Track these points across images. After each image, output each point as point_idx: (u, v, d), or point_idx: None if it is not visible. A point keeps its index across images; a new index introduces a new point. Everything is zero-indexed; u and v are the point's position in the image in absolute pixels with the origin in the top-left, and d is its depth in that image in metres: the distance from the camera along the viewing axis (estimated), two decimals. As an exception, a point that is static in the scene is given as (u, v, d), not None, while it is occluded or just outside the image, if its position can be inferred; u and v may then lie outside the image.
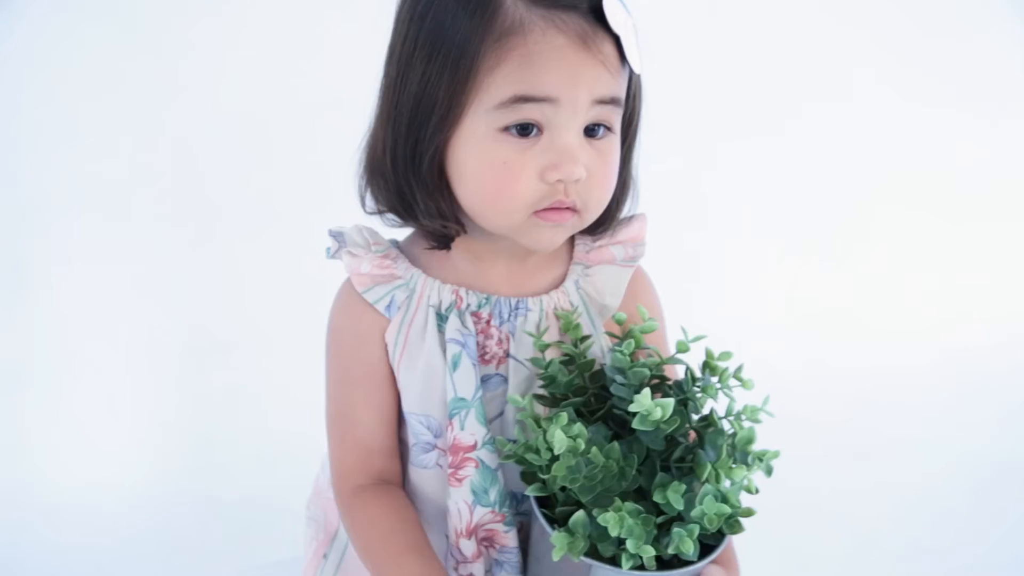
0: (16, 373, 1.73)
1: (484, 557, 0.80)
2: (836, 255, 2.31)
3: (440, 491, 0.82)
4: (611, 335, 0.80)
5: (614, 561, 0.68)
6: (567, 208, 0.72)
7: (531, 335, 0.78)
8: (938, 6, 2.29)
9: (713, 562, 0.70)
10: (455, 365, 0.76)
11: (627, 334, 0.78)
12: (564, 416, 0.69)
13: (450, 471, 0.78)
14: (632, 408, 0.68)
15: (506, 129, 0.69)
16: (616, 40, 0.70)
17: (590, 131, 0.72)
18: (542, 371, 0.76)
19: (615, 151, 0.75)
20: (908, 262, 2.35)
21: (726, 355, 0.77)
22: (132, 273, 1.81)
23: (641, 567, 0.67)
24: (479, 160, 0.70)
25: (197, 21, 1.82)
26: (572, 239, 0.84)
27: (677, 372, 0.85)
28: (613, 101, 0.72)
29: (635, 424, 0.68)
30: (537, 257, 0.81)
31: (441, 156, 0.73)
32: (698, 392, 0.74)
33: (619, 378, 0.73)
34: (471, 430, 0.76)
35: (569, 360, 0.77)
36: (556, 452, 0.67)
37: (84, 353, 1.77)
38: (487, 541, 0.80)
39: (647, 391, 0.68)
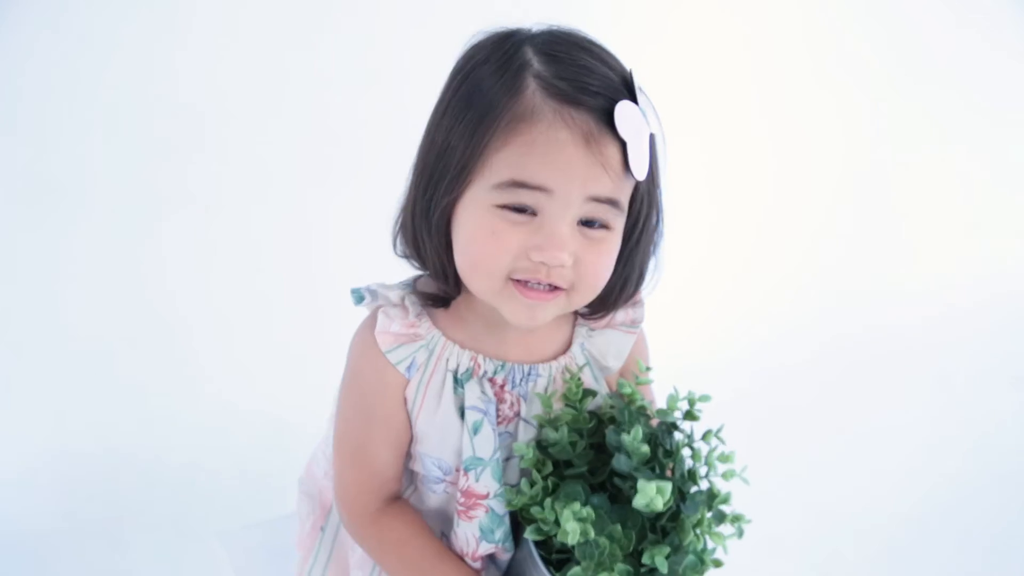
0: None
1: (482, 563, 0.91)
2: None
3: (444, 506, 0.91)
4: (617, 400, 0.86)
5: None
6: (549, 287, 0.76)
7: (541, 397, 0.84)
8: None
9: None
10: (476, 430, 0.82)
11: (630, 403, 0.83)
12: (576, 504, 0.77)
13: (461, 508, 0.86)
14: (638, 498, 0.76)
15: (503, 206, 0.73)
16: (623, 144, 0.72)
17: (587, 223, 0.75)
18: (551, 439, 0.82)
19: (610, 243, 0.77)
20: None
21: (705, 398, 0.86)
22: (72, 258, 1.76)
23: None
24: (474, 226, 0.74)
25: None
26: None
27: (649, 392, 0.94)
28: (609, 202, 0.74)
29: (636, 505, 0.77)
30: (544, 324, 0.82)
31: (449, 216, 0.77)
32: (687, 456, 0.83)
33: (624, 459, 0.80)
34: (485, 483, 0.83)
35: (572, 421, 0.83)
36: (570, 543, 0.76)
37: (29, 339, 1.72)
38: (489, 557, 0.90)
39: (653, 485, 0.76)
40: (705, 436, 0.85)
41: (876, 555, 1.54)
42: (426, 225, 0.77)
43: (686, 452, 0.85)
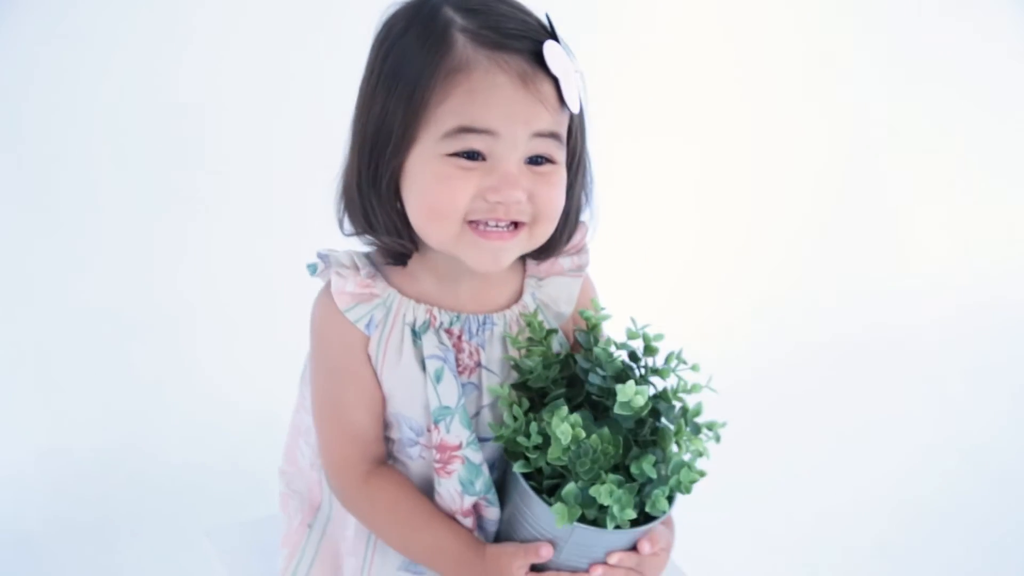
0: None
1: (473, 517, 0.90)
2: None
3: (425, 472, 0.91)
4: (580, 331, 0.91)
5: (595, 523, 0.81)
6: (511, 226, 0.81)
7: (509, 336, 0.88)
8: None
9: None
10: (438, 378, 0.85)
11: (594, 328, 0.89)
12: (564, 409, 0.79)
13: (438, 465, 0.87)
14: (619, 399, 0.80)
15: (453, 155, 0.78)
16: (556, 81, 0.79)
17: (533, 161, 0.81)
18: (525, 367, 0.86)
19: (558, 175, 0.83)
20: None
21: (659, 336, 0.92)
22: (65, 250, 1.75)
23: (617, 526, 0.81)
24: (426, 177, 0.79)
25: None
26: (522, 258, 0.92)
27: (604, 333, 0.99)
28: (552, 135, 0.81)
29: (617, 410, 0.81)
30: (496, 275, 0.88)
31: (397, 178, 0.81)
32: (652, 374, 0.88)
33: (599, 371, 0.84)
34: (456, 433, 0.85)
35: (543, 356, 0.87)
36: (564, 443, 0.78)
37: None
38: (477, 524, 0.89)
39: (631, 383, 0.80)
40: (668, 359, 0.90)
41: (870, 554, 1.53)
42: (375, 194, 0.81)
43: (654, 378, 0.90)
